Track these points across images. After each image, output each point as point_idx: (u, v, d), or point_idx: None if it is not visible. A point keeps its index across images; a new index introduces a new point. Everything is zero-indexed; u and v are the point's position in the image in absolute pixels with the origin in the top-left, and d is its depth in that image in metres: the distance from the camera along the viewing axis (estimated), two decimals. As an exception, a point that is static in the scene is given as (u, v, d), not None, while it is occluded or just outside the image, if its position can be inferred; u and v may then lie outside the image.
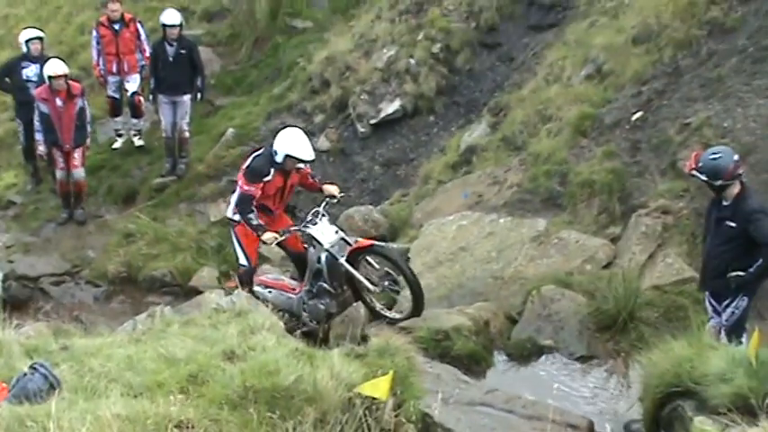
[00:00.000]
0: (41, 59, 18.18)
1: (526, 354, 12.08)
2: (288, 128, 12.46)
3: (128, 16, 19.29)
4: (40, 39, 18.94)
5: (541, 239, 13.70)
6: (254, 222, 11.94)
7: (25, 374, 7.10)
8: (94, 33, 19.44)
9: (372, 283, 12.05)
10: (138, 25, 19.38)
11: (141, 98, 19.42)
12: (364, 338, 10.75)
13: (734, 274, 10.02)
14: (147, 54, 19.17)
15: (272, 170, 11.93)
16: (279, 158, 11.89)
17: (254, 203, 11.99)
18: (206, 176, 18.79)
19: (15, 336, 8.78)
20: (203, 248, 17.14)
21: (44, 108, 17.42)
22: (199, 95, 18.77)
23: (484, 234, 14.15)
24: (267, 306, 11.02)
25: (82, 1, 24.97)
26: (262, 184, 11.94)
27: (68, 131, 17.50)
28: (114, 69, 19.23)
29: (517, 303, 12.86)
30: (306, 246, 12.43)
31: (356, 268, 12.05)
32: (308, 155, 11.93)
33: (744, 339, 9.93)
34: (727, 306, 10.26)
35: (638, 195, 13.75)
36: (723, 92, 13.88)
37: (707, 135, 13.42)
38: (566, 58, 16.67)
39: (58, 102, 17.37)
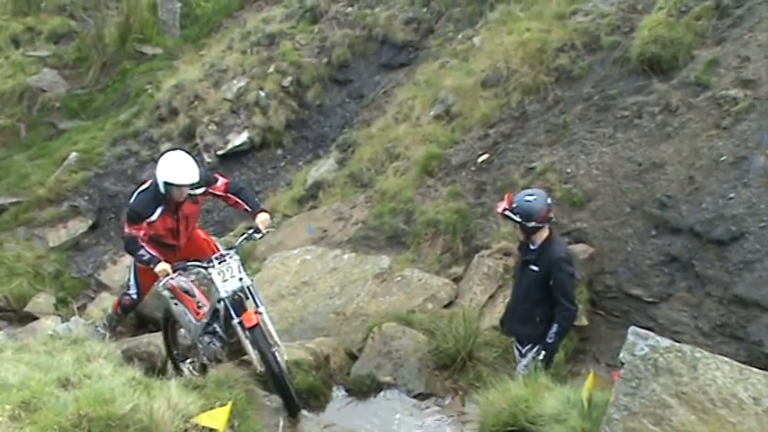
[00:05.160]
0: None
1: (365, 390, 12.06)
2: (168, 152, 10.81)
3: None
4: None
5: (384, 277, 13.73)
6: (146, 258, 10.37)
7: None
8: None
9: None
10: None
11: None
12: (203, 369, 10.62)
13: (540, 357, 9.97)
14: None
15: (159, 209, 10.54)
16: (162, 189, 10.42)
17: (145, 238, 10.56)
18: (47, 201, 18.45)
19: None
20: (41, 274, 16.83)
21: None
22: None
23: (327, 269, 14.14)
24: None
25: None
26: (145, 225, 10.56)
27: None
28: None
29: (358, 339, 12.84)
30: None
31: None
32: (184, 178, 10.28)
33: None
34: (528, 351, 10.23)
35: (482, 236, 13.90)
36: (568, 138, 14.15)
37: (550, 179, 13.66)
38: (415, 98, 16.83)
39: None
